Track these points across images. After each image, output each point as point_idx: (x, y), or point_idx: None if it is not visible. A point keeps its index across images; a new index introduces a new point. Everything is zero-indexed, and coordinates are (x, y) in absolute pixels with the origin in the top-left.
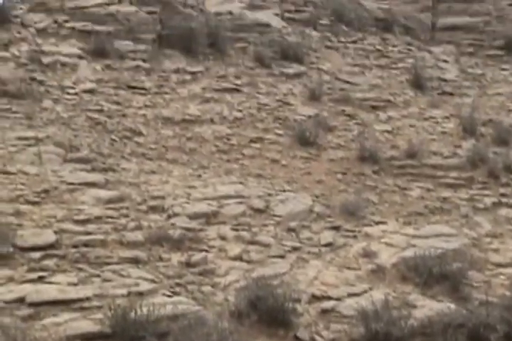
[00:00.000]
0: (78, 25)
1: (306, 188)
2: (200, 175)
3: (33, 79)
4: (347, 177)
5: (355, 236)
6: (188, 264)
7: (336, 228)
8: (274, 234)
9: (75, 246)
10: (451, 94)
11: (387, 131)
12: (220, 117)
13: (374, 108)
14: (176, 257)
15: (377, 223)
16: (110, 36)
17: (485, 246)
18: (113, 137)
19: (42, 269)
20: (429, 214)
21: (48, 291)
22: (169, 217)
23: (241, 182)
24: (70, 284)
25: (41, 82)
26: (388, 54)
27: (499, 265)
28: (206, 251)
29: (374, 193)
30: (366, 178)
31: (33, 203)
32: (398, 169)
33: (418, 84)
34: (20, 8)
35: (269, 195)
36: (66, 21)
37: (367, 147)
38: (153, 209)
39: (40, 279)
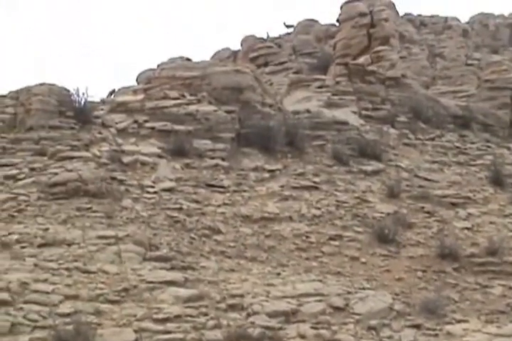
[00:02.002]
0: (158, 124)
1: (385, 286)
2: (279, 273)
3: (114, 178)
4: (427, 274)
5: (436, 335)
6: None
7: (417, 326)
8: (354, 332)
9: None
10: None
11: (467, 228)
12: (299, 215)
13: (453, 205)
14: None
15: (459, 321)
16: (189, 135)
17: None
18: (192, 235)
19: None
20: (511, 312)
21: None
22: (248, 315)
23: (320, 280)
24: None
25: (121, 182)
26: (467, 151)
27: None
28: None
29: (455, 291)
30: (446, 276)
31: (113, 302)
32: (479, 266)
33: (497, 180)
34: (101, 109)
35: (349, 292)
36: (146, 121)
37: (447, 244)
38: (232, 307)
39: None
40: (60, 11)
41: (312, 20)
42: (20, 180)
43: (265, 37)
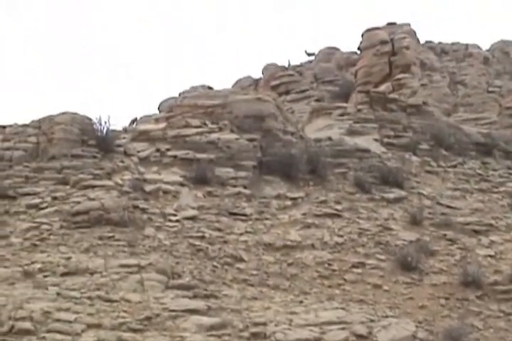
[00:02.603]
0: (180, 153)
1: (408, 314)
2: (301, 301)
3: (136, 207)
4: (450, 302)
5: None
6: None
7: None
8: None
9: None
10: None
11: (490, 256)
12: (321, 242)
13: (476, 232)
14: None
15: None
16: (211, 163)
17: None
18: (214, 263)
19: None
20: None
21: None
22: None
23: (343, 308)
24: None
25: (143, 210)
26: (489, 178)
27: None
28: None
29: (478, 319)
30: (470, 303)
31: (136, 330)
32: (502, 294)
33: None
34: (124, 138)
35: (372, 320)
36: (168, 150)
37: (470, 272)
38: (255, 335)
39: None
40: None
41: (333, 47)
42: (43, 209)
43: (286, 65)
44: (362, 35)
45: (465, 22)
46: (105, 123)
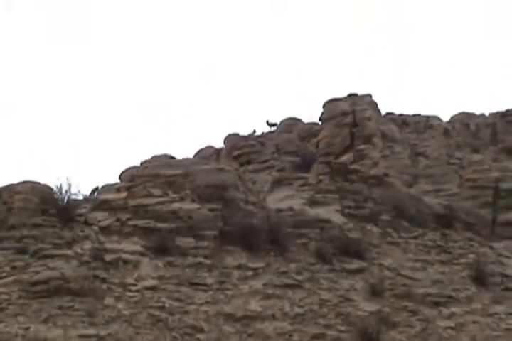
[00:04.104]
0: (141, 222)
1: None
2: None
3: (96, 276)
4: None
5: None
6: None
7: None
8: None
9: None
10: None
11: (451, 328)
12: (282, 313)
13: (436, 304)
14: None
15: None
16: (172, 233)
17: None
18: (174, 334)
19: None
20: None
21: None
22: None
23: None
24: None
25: (103, 280)
26: (449, 249)
27: None
28: None
29: None
30: None
31: None
32: None
33: (480, 279)
34: (84, 207)
35: None
36: (129, 219)
37: None
38: None
39: None
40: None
41: (295, 118)
42: (2, 278)
43: (249, 135)
44: (323, 106)
45: (426, 94)
46: (66, 192)
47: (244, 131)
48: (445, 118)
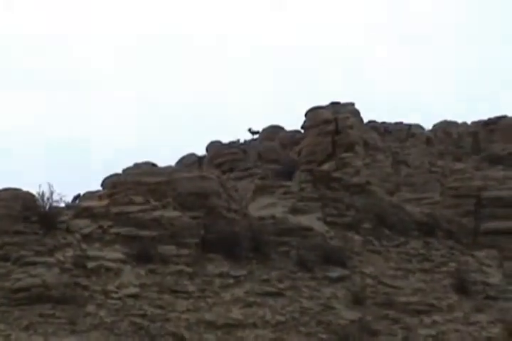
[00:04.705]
0: (123, 230)
1: None
2: None
3: (77, 284)
4: None
5: None
6: None
7: None
8: None
9: None
10: (495, 298)
11: (432, 336)
12: (263, 321)
13: (418, 312)
14: None
15: None
16: (154, 241)
17: None
18: None
19: None
20: None
21: None
22: None
23: None
24: None
25: (85, 287)
26: (431, 258)
27: None
28: None
29: None
30: None
31: None
32: None
33: (462, 288)
34: (66, 214)
35: None
36: (111, 227)
37: None
38: None
39: None
40: None
41: (277, 126)
42: None
43: (230, 143)
44: (305, 114)
45: (408, 102)
46: (48, 199)
47: (226, 139)
48: (427, 126)
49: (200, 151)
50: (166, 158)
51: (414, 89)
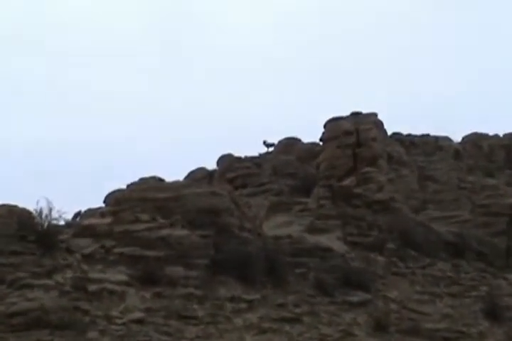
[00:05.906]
0: (127, 250)
1: None
2: None
3: (78, 308)
4: None
5: None
6: None
7: None
8: None
9: None
10: None
11: None
12: None
13: (446, 340)
14: None
15: None
16: (160, 262)
17: None
18: None
19: None
20: None
21: None
22: None
23: None
24: None
25: (86, 312)
26: (460, 281)
27: None
28: None
29: None
30: None
31: None
32: None
33: (493, 314)
34: (66, 233)
35: None
36: (114, 246)
37: None
38: None
39: None
40: None
41: (294, 138)
42: None
43: (243, 156)
44: (324, 126)
45: (436, 113)
46: (46, 216)
47: (238, 152)
48: (456, 138)
49: (211, 165)
50: (173, 172)
51: (441, 98)
